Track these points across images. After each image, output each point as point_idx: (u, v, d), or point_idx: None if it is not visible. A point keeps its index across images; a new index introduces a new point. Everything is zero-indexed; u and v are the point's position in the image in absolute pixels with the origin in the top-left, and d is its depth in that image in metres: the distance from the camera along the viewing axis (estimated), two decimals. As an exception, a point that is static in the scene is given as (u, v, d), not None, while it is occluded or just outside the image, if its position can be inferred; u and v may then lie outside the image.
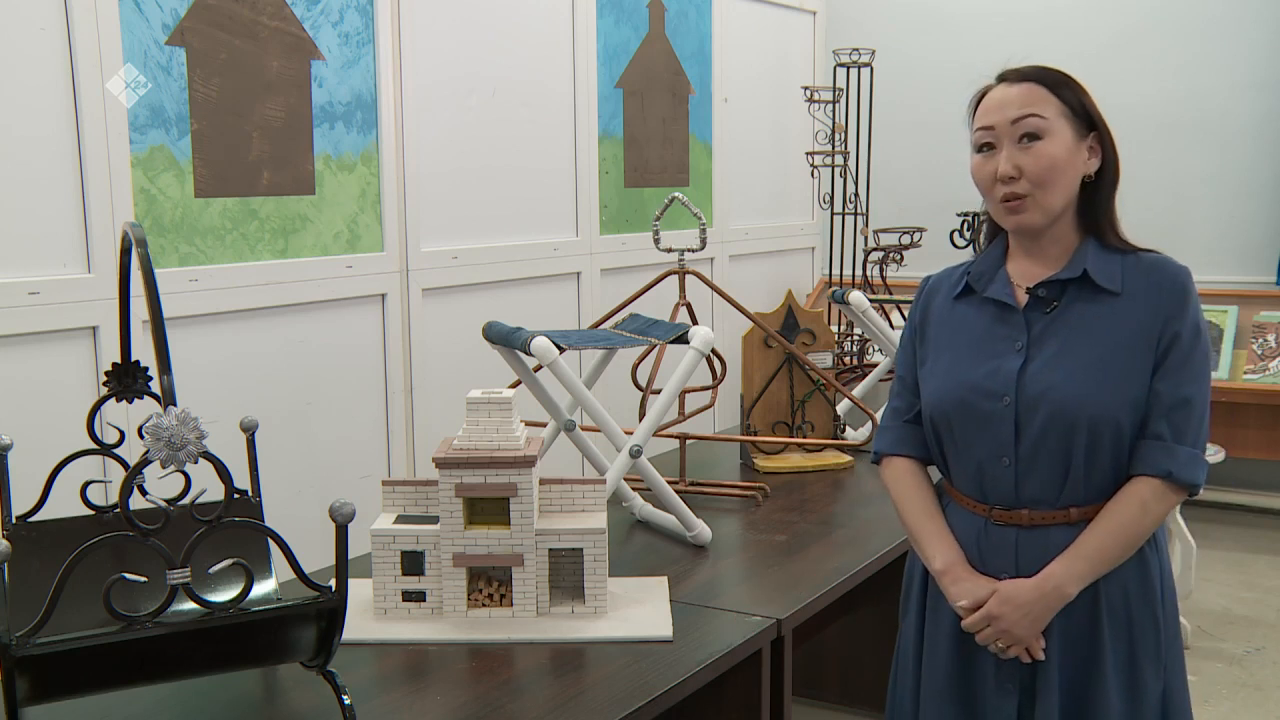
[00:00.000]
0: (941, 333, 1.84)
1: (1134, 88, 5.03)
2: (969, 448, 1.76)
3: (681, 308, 2.91)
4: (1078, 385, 1.68)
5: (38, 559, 1.73)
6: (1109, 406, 1.67)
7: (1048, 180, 1.69)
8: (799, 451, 3.06)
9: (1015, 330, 1.75)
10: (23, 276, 2.44)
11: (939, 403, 1.79)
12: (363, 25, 3.13)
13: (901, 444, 1.89)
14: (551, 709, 1.66)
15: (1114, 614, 1.72)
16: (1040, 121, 1.69)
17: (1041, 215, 1.71)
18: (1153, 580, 1.74)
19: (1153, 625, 1.73)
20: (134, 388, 1.81)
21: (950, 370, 1.79)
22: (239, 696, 1.73)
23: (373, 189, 3.19)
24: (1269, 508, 5.09)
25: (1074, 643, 1.73)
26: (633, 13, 4.18)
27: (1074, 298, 1.74)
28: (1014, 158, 1.70)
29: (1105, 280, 1.72)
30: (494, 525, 1.96)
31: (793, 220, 5.31)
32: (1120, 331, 1.70)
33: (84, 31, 2.49)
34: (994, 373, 1.73)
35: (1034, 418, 1.69)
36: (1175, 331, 1.68)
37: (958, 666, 1.80)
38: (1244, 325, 4.69)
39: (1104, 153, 1.75)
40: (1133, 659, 1.72)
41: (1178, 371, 1.68)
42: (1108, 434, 1.68)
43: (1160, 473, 1.67)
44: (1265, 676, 3.51)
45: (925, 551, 1.81)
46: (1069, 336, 1.72)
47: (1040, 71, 1.74)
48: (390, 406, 3.29)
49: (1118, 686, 1.71)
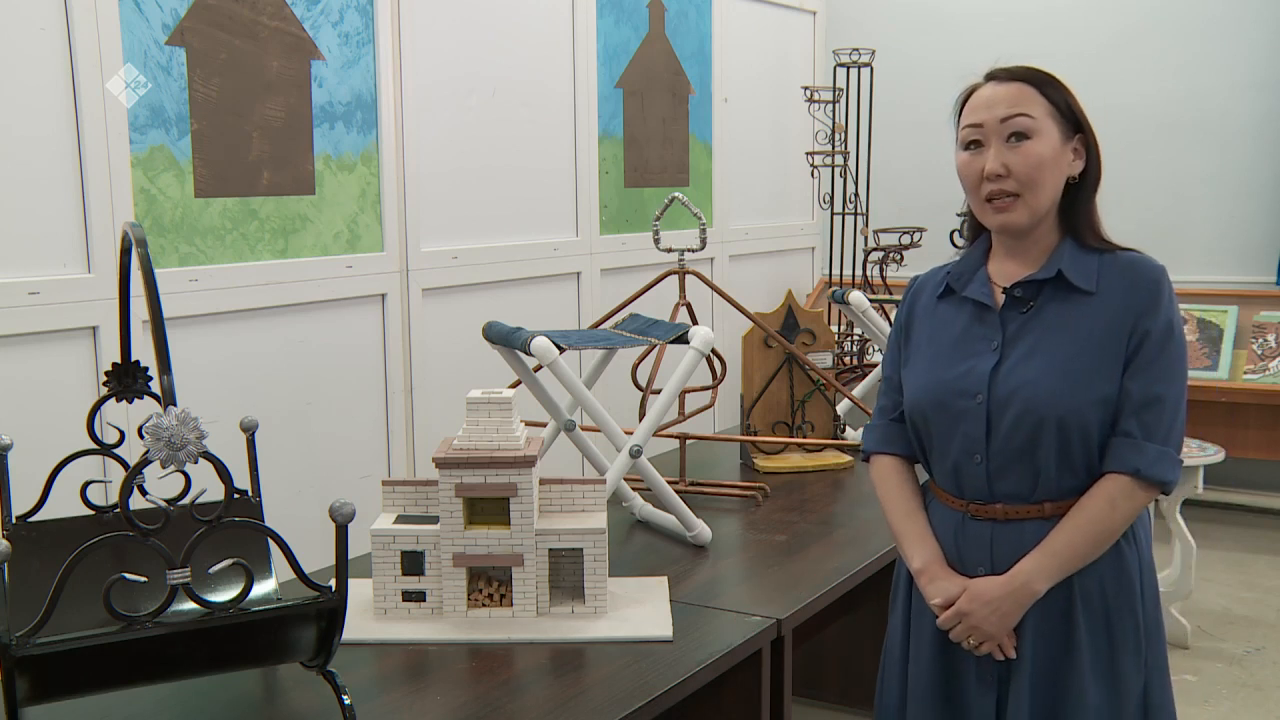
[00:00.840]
0: (923, 332, 1.86)
1: (1134, 88, 5.03)
2: (945, 445, 1.78)
3: (681, 308, 2.91)
4: (1047, 384, 1.69)
5: (38, 559, 1.73)
6: (1078, 405, 1.68)
7: (1035, 179, 1.70)
8: (799, 451, 3.06)
9: (991, 330, 1.77)
10: (23, 276, 2.44)
11: (917, 401, 1.82)
12: (363, 25, 3.13)
13: (887, 442, 1.91)
14: (551, 709, 1.66)
15: (1090, 608, 1.72)
16: (1029, 121, 1.70)
17: (1028, 215, 1.72)
18: (1130, 575, 1.74)
19: (1131, 619, 1.73)
20: (134, 388, 1.82)
21: (928, 369, 1.81)
22: (239, 696, 1.73)
23: (373, 189, 3.19)
24: (1269, 508, 5.08)
25: (1047, 637, 1.73)
26: (633, 13, 4.18)
27: (1049, 297, 1.75)
28: (1002, 156, 1.71)
29: (1080, 280, 1.72)
30: (494, 525, 1.96)
31: (793, 220, 5.30)
32: (1092, 330, 1.70)
33: (84, 31, 2.49)
34: (969, 372, 1.75)
35: (1004, 416, 1.71)
36: (1145, 329, 1.69)
37: (940, 664, 1.82)
38: (1244, 325, 4.69)
39: (1088, 155, 1.76)
40: (1112, 653, 1.73)
41: (1147, 369, 1.68)
42: (1076, 432, 1.69)
43: (1128, 469, 1.68)
44: (1265, 676, 3.51)
45: (905, 551, 1.85)
46: (1042, 336, 1.73)
47: (1029, 72, 1.75)
48: (390, 406, 3.29)
49: (1096, 680, 1.72)
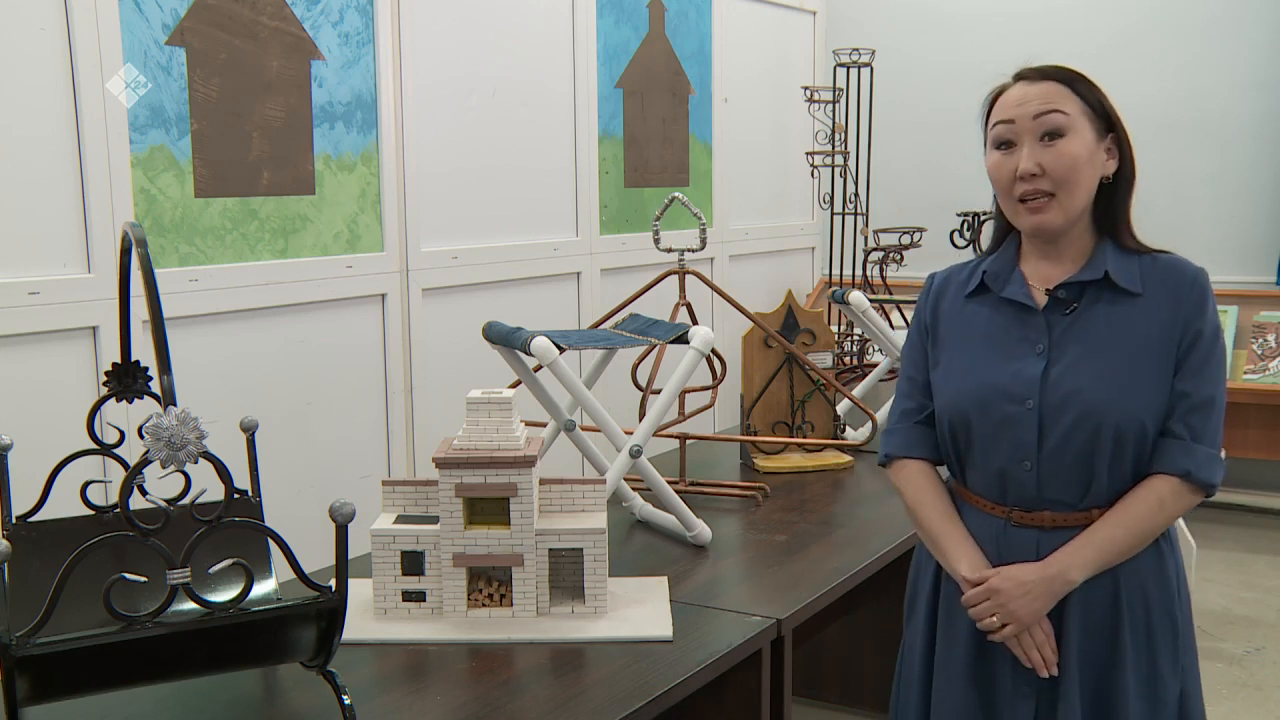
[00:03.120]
0: (953, 332, 1.81)
1: (1134, 88, 5.02)
2: (989, 450, 1.73)
3: (681, 308, 2.91)
4: (1104, 388, 1.66)
5: (38, 559, 1.72)
6: (1134, 409, 1.66)
7: (1070, 179, 1.66)
8: (799, 451, 3.06)
9: (1035, 332, 1.72)
10: (23, 276, 2.44)
11: (956, 405, 1.75)
12: (363, 25, 3.12)
13: (913, 446, 1.84)
14: (551, 709, 1.66)
15: (1134, 615, 1.70)
16: (1063, 118, 1.66)
17: (1063, 216, 1.68)
18: (1170, 580, 1.73)
19: (1170, 626, 1.72)
20: (134, 388, 1.81)
21: (968, 372, 1.75)
22: (239, 696, 1.73)
23: (373, 189, 3.19)
24: (1269, 508, 5.08)
25: (1094, 644, 1.71)
26: (633, 13, 4.18)
27: (1094, 299, 1.71)
28: (1036, 155, 1.66)
29: (1126, 282, 1.70)
30: (494, 525, 1.96)
31: (793, 220, 5.30)
32: (1142, 333, 1.68)
33: (84, 31, 2.49)
34: (1016, 375, 1.70)
35: (1059, 421, 1.67)
36: (1197, 331, 1.67)
37: (975, 672, 1.77)
38: (1244, 325, 4.69)
39: (1121, 154, 1.73)
40: (1152, 661, 1.71)
41: (1200, 371, 1.67)
42: (1133, 437, 1.66)
43: (1179, 471, 1.66)
44: (1265, 676, 3.50)
45: (950, 557, 1.76)
46: (1092, 339, 1.69)
47: (1061, 70, 1.71)
48: (390, 406, 3.29)
49: (1138, 688, 1.69)
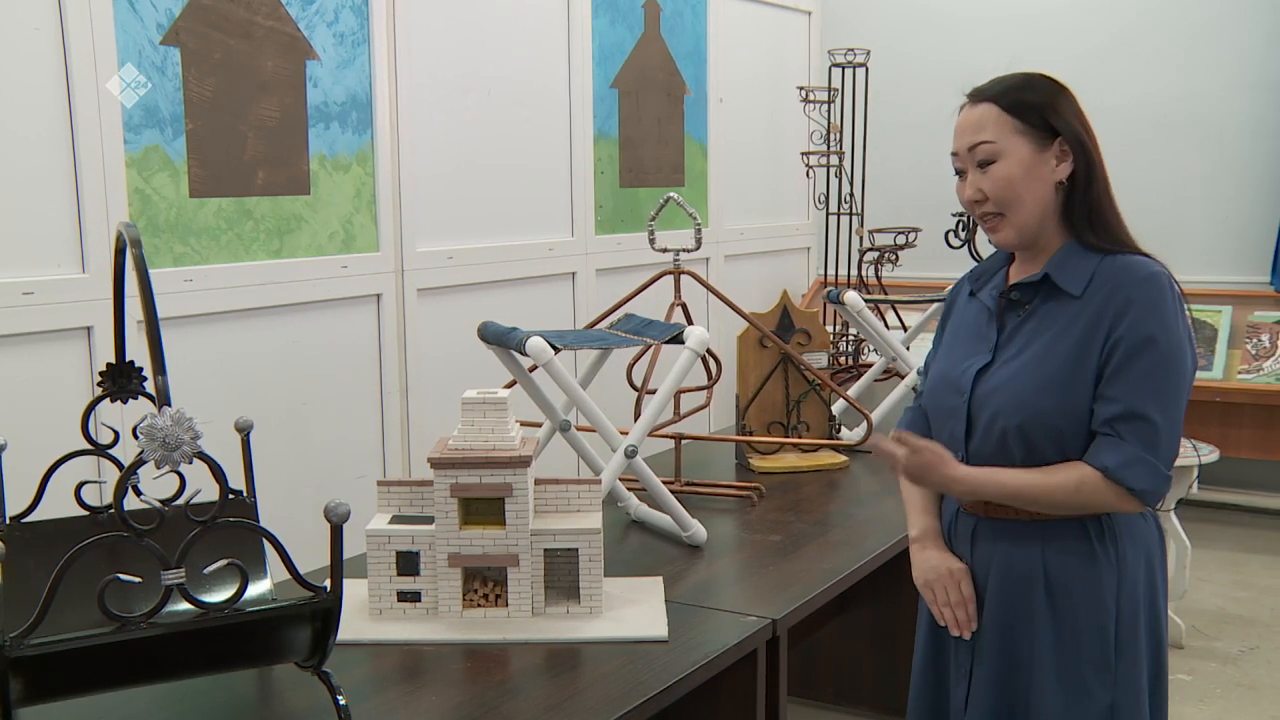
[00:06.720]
0: (951, 329, 1.92)
1: (1131, 88, 5.03)
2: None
3: (677, 308, 2.91)
4: (1019, 388, 1.71)
5: (32, 559, 1.72)
6: (1042, 411, 1.69)
7: (1008, 199, 1.73)
8: (794, 451, 3.06)
9: (992, 331, 1.81)
10: (17, 277, 2.44)
11: (927, 394, 1.92)
12: (358, 25, 3.12)
13: (912, 425, 1.97)
14: (547, 709, 1.66)
15: (1059, 616, 1.73)
16: (990, 147, 1.72)
17: (1015, 232, 1.75)
18: (1105, 597, 1.72)
19: (1099, 636, 1.72)
20: (129, 388, 1.81)
21: (938, 366, 1.90)
22: (234, 697, 1.73)
23: (368, 189, 3.19)
24: (1263, 507, 5.09)
25: (1008, 627, 1.78)
26: (628, 13, 4.18)
27: (1044, 300, 1.76)
28: (976, 182, 1.75)
29: (1066, 282, 1.72)
30: (489, 525, 1.96)
31: (788, 220, 5.31)
32: (1073, 335, 1.70)
33: (78, 31, 2.49)
34: (965, 372, 1.80)
35: (980, 417, 1.76)
36: (1118, 338, 1.66)
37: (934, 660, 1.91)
38: (1238, 325, 4.69)
39: (1077, 154, 1.72)
40: (1077, 663, 1.73)
41: (1118, 380, 1.66)
42: (1043, 438, 1.70)
43: (1098, 465, 1.67)
44: (1259, 676, 3.51)
45: (908, 519, 1.93)
46: (1029, 339, 1.75)
47: (997, 89, 1.74)
48: (385, 407, 3.29)
49: (1055, 687, 1.73)
